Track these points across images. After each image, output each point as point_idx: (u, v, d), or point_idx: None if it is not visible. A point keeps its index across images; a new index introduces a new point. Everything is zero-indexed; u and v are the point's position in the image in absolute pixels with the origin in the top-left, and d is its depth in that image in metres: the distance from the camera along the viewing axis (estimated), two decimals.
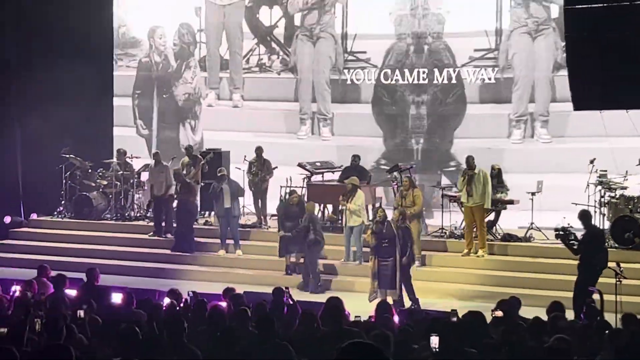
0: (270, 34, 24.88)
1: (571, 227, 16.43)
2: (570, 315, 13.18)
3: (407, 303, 16.58)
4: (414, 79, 22.99)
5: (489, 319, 11.32)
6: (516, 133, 22.34)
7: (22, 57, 23.97)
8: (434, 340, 8.73)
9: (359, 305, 14.01)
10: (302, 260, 19.02)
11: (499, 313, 11.68)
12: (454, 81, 22.69)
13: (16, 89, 23.90)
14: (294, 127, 24.44)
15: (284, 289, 13.76)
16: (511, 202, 19.97)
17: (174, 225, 21.35)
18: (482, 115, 22.54)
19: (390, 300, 16.02)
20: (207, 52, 25.54)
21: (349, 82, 23.69)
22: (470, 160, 19.27)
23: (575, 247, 15.61)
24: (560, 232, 15.83)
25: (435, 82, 22.80)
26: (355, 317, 12.13)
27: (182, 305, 12.98)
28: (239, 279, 18.62)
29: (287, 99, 24.58)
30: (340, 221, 20.67)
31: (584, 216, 15.89)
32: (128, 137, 25.61)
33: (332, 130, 24.20)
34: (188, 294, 13.64)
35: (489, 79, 22.48)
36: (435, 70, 22.79)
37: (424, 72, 22.89)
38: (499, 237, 20.00)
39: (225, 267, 19.75)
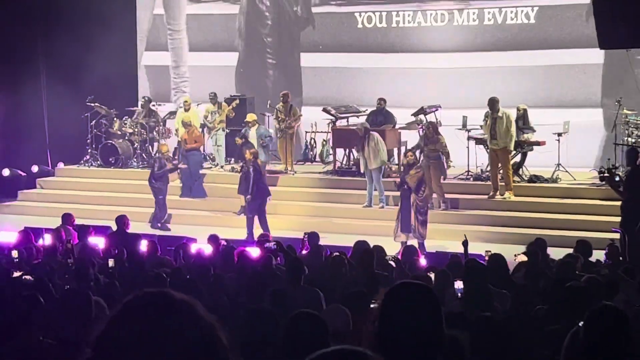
0: None
1: (616, 168, 16.24)
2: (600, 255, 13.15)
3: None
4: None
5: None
6: None
7: (48, 7, 23.95)
8: (459, 285, 8.70)
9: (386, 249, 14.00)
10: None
11: (522, 257, 11.62)
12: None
13: (42, 38, 23.94)
14: None
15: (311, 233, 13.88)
16: (537, 143, 19.83)
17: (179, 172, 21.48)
18: None
19: (415, 243, 16.13)
20: None
21: None
22: (493, 103, 19.07)
23: (620, 188, 15.35)
24: (606, 174, 15.58)
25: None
26: (386, 257, 12.20)
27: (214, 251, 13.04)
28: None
29: None
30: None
31: (629, 154, 15.55)
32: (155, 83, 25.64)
33: None
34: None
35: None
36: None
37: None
38: (526, 178, 19.91)
39: None
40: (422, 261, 12.98)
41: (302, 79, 24.48)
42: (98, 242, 13.68)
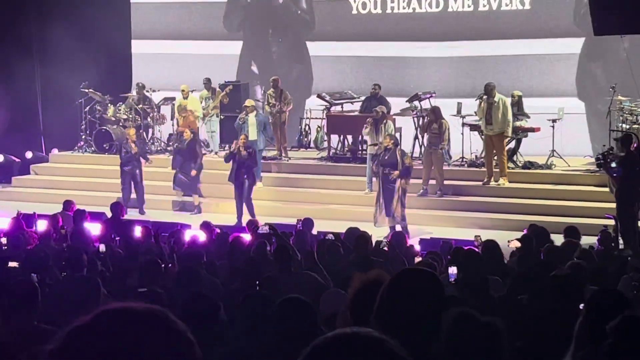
0: None
1: (612, 154, 16.22)
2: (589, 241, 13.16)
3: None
4: None
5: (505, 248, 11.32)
6: None
7: None
8: (453, 271, 8.66)
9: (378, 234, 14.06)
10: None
11: (516, 243, 11.62)
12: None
13: (35, 23, 23.88)
14: None
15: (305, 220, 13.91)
16: (532, 129, 19.81)
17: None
18: None
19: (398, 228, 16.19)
20: None
21: None
22: (489, 88, 19.03)
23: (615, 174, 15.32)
24: (601, 160, 15.56)
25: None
26: (377, 241, 12.22)
27: (208, 237, 13.02)
28: (259, 210, 18.59)
29: None
30: (360, 152, 20.66)
31: (624, 140, 15.50)
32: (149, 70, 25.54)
33: None
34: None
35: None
36: None
37: None
38: (520, 165, 19.91)
39: None
40: (417, 246, 13.01)
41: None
42: (93, 228, 13.65)
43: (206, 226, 13.55)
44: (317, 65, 24.14)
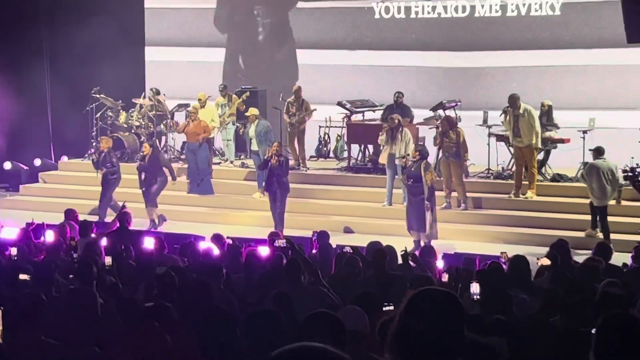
0: None
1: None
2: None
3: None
4: None
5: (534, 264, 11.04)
6: None
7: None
8: (474, 287, 8.48)
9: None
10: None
11: (546, 261, 11.17)
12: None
13: (47, 29, 23.94)
14: None
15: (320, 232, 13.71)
16: (561, 140, 19.25)
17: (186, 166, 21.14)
18: None
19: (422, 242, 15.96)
20: None
21: None
22: (514, 100, 18.43)
23: None
24: (629, 173, 15.14)
25: None
26: (401, 251, 11.85)
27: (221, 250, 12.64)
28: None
29: None
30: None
31: None
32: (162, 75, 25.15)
33: None
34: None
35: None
36: None
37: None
38: (549, 177, 19.43)
39: (260, 210, 19.15)
40: (439, 263, 12.57)
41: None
42: (101, 239, 13.18)
43: (217, 238, 13.09)
44: (338, 73, 23.67)
